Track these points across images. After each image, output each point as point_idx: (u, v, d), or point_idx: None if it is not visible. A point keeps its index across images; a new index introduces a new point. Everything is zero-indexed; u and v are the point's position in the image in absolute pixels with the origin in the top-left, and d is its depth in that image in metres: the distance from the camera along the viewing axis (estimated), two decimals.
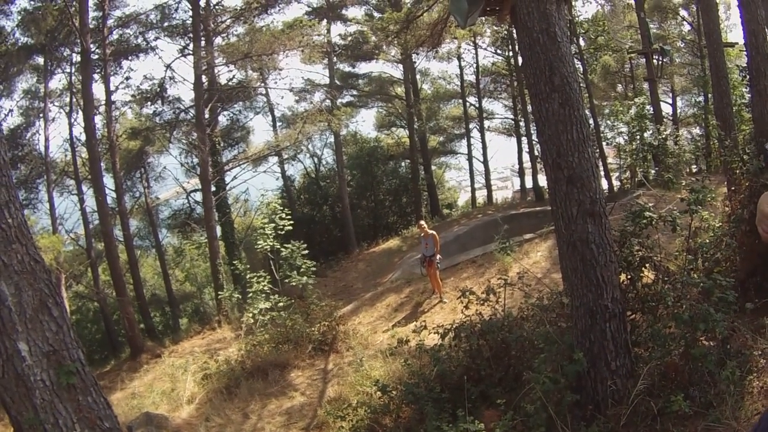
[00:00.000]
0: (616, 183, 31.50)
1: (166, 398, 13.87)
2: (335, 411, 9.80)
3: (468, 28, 25.34)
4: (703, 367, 6.77)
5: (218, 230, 27.64)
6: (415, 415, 8.57)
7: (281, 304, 15.59)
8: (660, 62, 28.31)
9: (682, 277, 7.80)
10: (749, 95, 15.86)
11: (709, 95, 27.68)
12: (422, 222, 18.29)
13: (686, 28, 36.82)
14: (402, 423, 8.68)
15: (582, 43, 33.39)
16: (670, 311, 7.42)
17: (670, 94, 38.20)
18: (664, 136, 24.84)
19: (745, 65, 14.59)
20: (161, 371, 16.79)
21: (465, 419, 7.00)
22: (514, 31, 10.69)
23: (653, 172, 25.55)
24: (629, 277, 7.87)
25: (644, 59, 29.27)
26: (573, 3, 28.54)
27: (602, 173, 27.24)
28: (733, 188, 10.48)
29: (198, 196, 31.91)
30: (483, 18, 17.19)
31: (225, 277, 26.18)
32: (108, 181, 26.42)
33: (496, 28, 32.90)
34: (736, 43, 25.14)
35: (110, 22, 27.39)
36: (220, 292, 21.55)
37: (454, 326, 9.29)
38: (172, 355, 18.75)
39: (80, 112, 24.91)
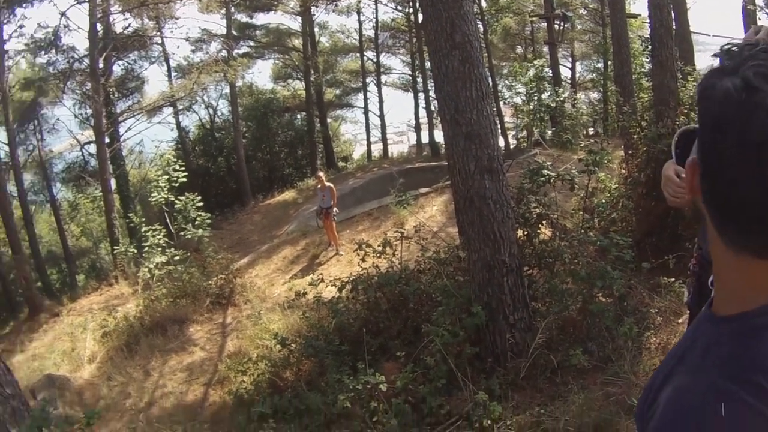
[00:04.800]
0: (512, 141, 31.97)
1: (67, 358, 13.57)
2: (236, 365, 9.80)
3: None
4: (600, 323, 6.98)
5: (113, 183, 27.01)
6: (315, 368, 8.60)
7: (177, 257, 15.34)
8: (561, 27, 28.80)
9: (579, 234, 8.00)
10: (649, 65, 16.29)
11: (609, 62, 28.25)
12: (320, 173, 18.14)
13: None
14: (303, 376, 8.70)
15: (484, 4, 33.55)
16: (567, 267, 7.61)
17: (570, 59, 38.71)
18: (561, 98, 25.31)
19: (647, 36, 14.97)
20: (60, 330, 16.38)
21: (365, 371, 7.07)
22: None
23: (550, 132, 26.04)
24: (526, 233, 8.02)
25: (546, 23, 29.66)
26: None
27: (499, 131, 27.58)
28: (630, 152, 10.79)
29: (92, 149, 30.96)
30: None
31: (120, 231, 25.67)
32: (0, 134, 25.53)
33: None
34: (639, 15, 25.78)
35: None
36: (116, 247, 21.11)
37: (351, 279, 9.31)
38: (70, 313, 18.28)
39: None
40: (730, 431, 1.03)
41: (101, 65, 26.04)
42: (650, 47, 12.76)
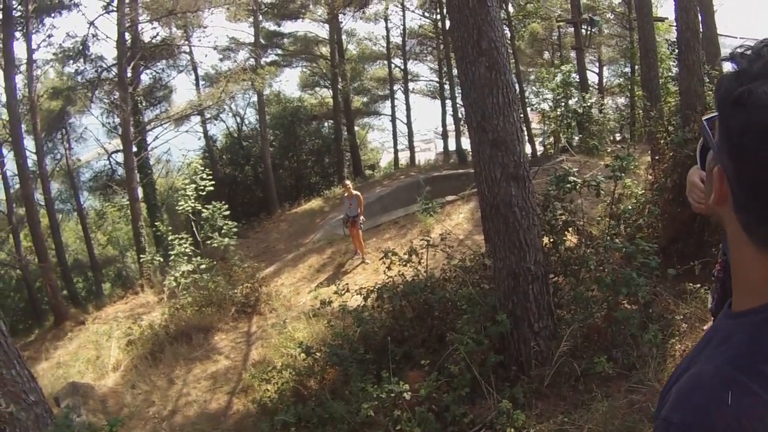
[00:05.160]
0: (539, 148, 31.84)
1: (92, 366, 13.66)
2: (260, 374, 9.76)
3: None
4: (625, 330, 6.92)
5: (140, 192, 27.11)
6: (339, 377, 8.59)
7: (203, 266, 15.40)
8: (588, 32, 28.65)
9: (604, 241, 7.92)
10: (677, 69, 16.16)
11: (636, 67, 28.09)
12: (347, 182, 18.13)
13: (617, 0, 37.24)
14: (327, 385, 8.69)
15: (511, 9, 33.48)
16: (593, 275, 7.54)
17: (597, 64, 38.52)
18: (589, 104, 25.15)
19: (674, 40, 14.87)
20: (86, 338, 16.49)
21: (390, 380, 7.03)
22: None
23: (577, 138, 25.89)
24: (552, 240, 7.96)
25: (573, 28, 29.54)
26: None
27: (526, 138, 27.46)
28: (657, 157, 10.71)
29: (119, 157, 31.10)
30: None
31: (147, 240, 25.77)
32: (29, 143, 25.69)
33: None
34: (666, 18, 25.53)
35: None
36: (142, 256, 21.20)
37: (376, 287, 9.28)
38: (96, 321, 18.40)
39: (0, 72, 24.03)
40: (736, 420, 1.03)
41: (129, 74, 26.19)
42: (677, 51, 12.67)
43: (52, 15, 28.71)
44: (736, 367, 1.08)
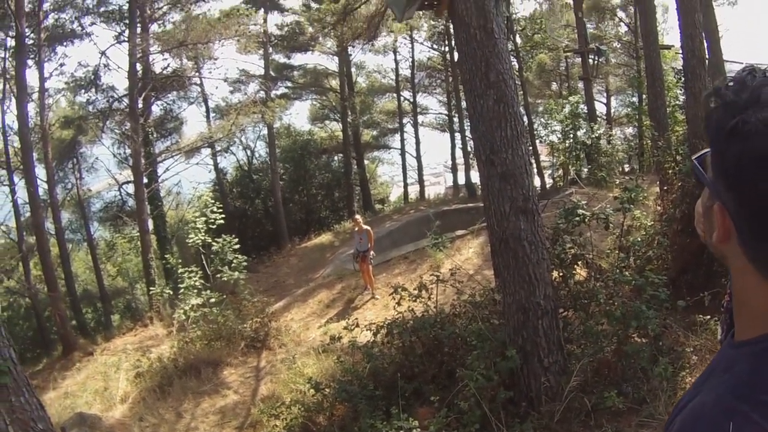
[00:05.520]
0: (548, 180, 31.81)
1: (99, 397, 13.60)
2: (269, 409, 9.70)
3: (405, 22, 25.41)
4: (635, 364, 6.87)
5: (150, 224, 27.18)
6: (349, 413, 8.52)
7: (213, 299, 15.38)
8: (596, 62, 28.65)
9: (614, 274, 7.90)
10: (683, 97, 16.18)
11: (644, 96, 28.08)
12: (357, 216, 18.19)
13: (623, 29, 37.29)
14: (336, 421, 8.62)
15: (518, 40, 33.60)
16: (603, 308, 7.50)
17: (605, 94, 38.64)
18: (597, 135, 25.13)
19: (681, 68, 14.91)
20: (94, 369, 16.45)
21: (399, 417, 6.98)
22: (452, 26, 10.69)
23: (586, 170, 25.86)
24: (561, 274, 7.93)
25: (580, 58, 29.59)
26: (511, 0, 28.75)
27: (535, 171, 27.45)
28: (665, 188, 10.68)
29: (130, 189, 31.25)
30: (420, 12, 17.20)
31: (157, 272, 25.75)
32: (40, 171, 25.77)
33: (433, 22, 32.97)
34: (672, 46, 25.57)
35: (46, 5, 26.63)
36: (151, 288, 21.20)
37: (386, 323, 9.25)
38: (104, 352, 18.39)
39: (13, 99, 24.17)
40: None
41: (140, 105, 26.37)
42: (683, 78, 12.69)
43: (65, 44, 29.18)
44: (737, 396, 1.07)
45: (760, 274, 1.11)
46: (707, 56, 14.14)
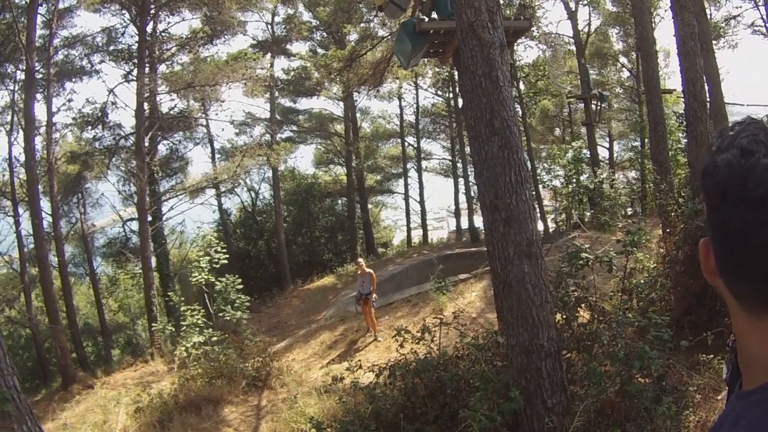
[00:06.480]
0: (551, 225, 31.90)
1: (98, 430, 13.55)
2: None
3: (410, 69, 25.66)
4: (639, 404, 6.88)
5: (153, 261, 27.24)
6: None
7: (215, 338, 15.43)
8: (598, 107, 28.89)
9: (617, 316, 7.93)
10: (685, 140, 16.29)
11: (646, 140, 28.30)
12: (360, 260, 18.29)
13: (625, 74, 37.64)
14: None
15: (522, 86, 33.87)
16: (606, 350, 7.53)
17: (607, 139, 38.85)
18: (600, 179, 25.27)
19: (682, 111, 15.04)
20: (93, 403, 16.41)
21: None
22: (456, 73, 10.83)
23: (588, 214, 25.96)
24: (565, 316, 7.96)
25: (583, 104, 29.81)
26: (515, 47, 29.00)
27: (538, 215, 27.54)
28: (668, 230, 10.75)
29: (134, 226, 31.40)
30: (425, 59, 17.40)
31: (159, 309, 25.78)
32: (45, 204, 25.87)
33: (437, 69, 33.21)
34: (674, 90, 25.81)
35: (56, 41, 26.98)
36: (153, 324, 21.24)
37: (389, 364, 9.25)
38: (104, 386, 18.34)
39: (21, 132, 24.34)
40: None
41: (146, 144, 26.56)
42: (685, 122, 12.81)
43: (73, 80, 29.51)
44: None
45: (746, 314, 1.14)
46: (709, 99, 14.27)
